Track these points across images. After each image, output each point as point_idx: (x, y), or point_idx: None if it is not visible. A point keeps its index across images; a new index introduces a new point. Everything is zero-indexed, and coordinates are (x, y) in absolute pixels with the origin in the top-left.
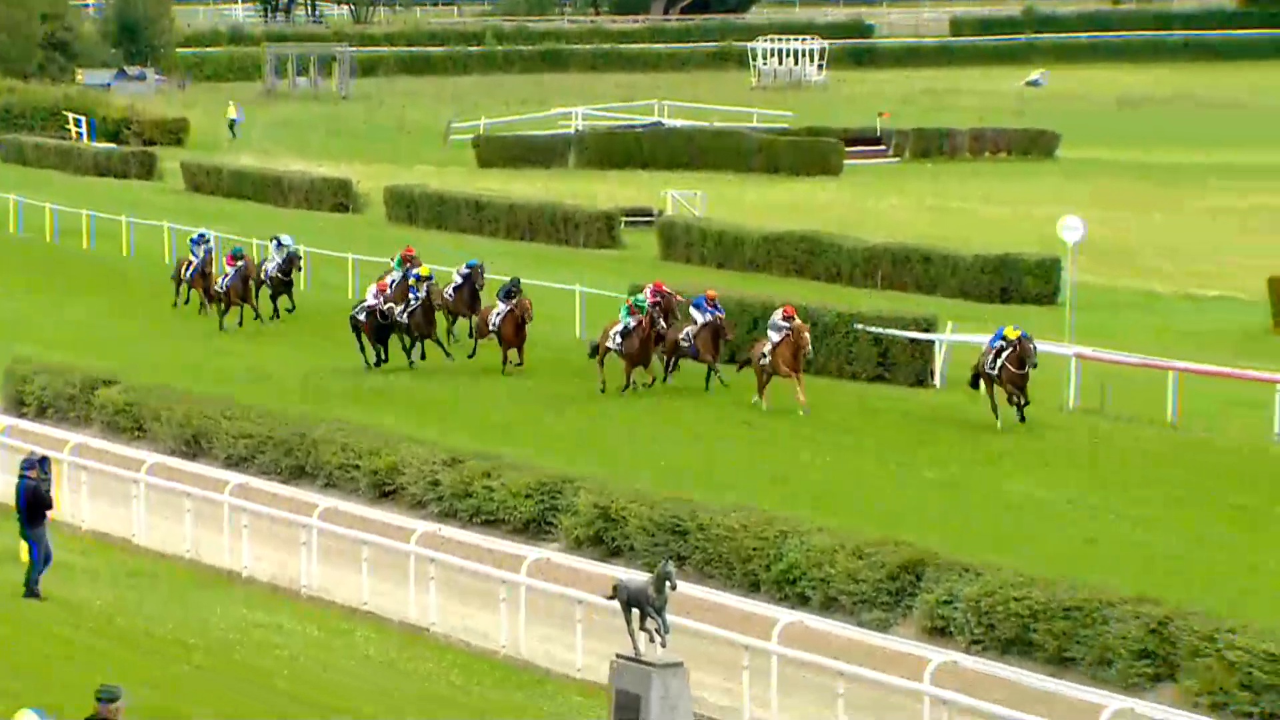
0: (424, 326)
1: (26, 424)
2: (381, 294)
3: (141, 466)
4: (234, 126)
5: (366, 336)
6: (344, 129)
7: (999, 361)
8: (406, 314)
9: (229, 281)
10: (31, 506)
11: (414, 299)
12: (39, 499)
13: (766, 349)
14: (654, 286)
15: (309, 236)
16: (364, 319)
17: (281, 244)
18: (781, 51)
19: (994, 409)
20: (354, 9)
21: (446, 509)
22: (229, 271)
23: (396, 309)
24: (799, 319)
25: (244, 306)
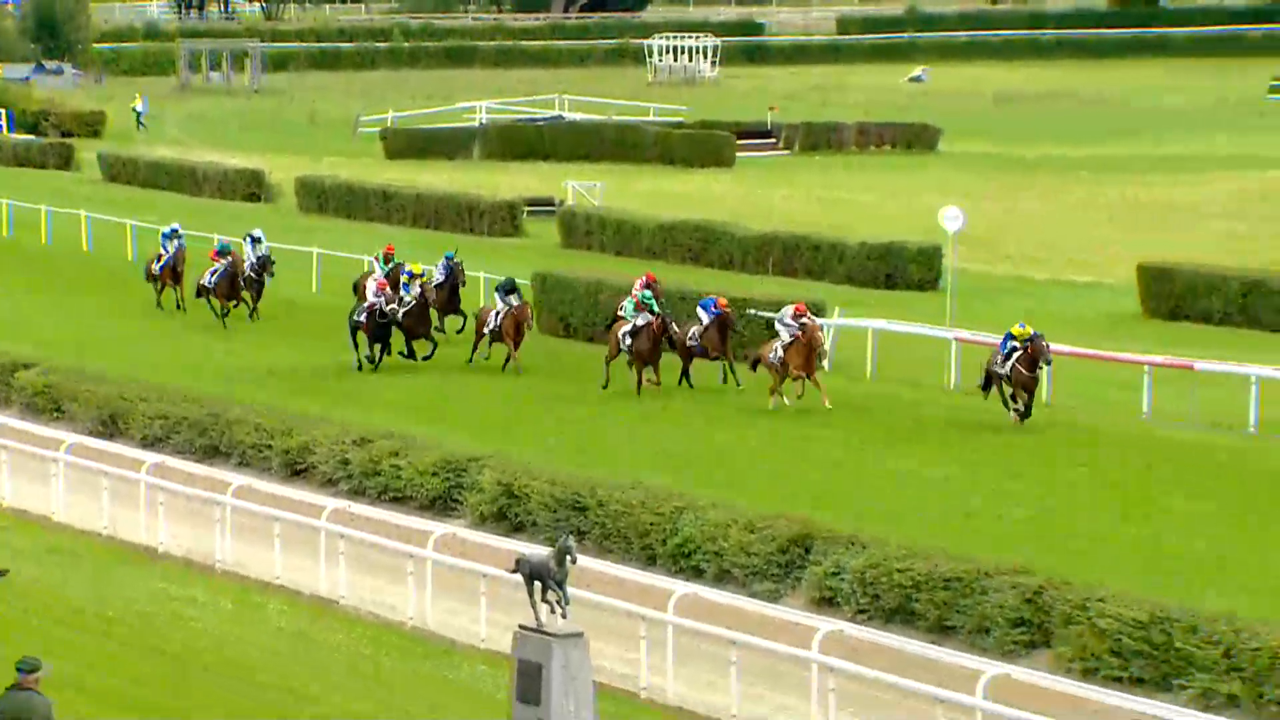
0: (419, 325)
1: None
2: (382, 292)
3: (60, 446)
4: (140, 118)
5: (365, 335)
6: (256, 122)
7: (1010, 363)
8: (403, 313)
9: (217, 278)
10: None
11: (408, 297)
12: None
13: (778, 347)
14: (646, 278)
15: (223, 226)
16: (364, 319)
17: (256, 240)
18: (676, 49)
19: (1007, 406)
20: (266, 6)
21: (356, 487)
22: (217, 267)
23: (398, 308)
24: (811, 317)
25: (229, 303)
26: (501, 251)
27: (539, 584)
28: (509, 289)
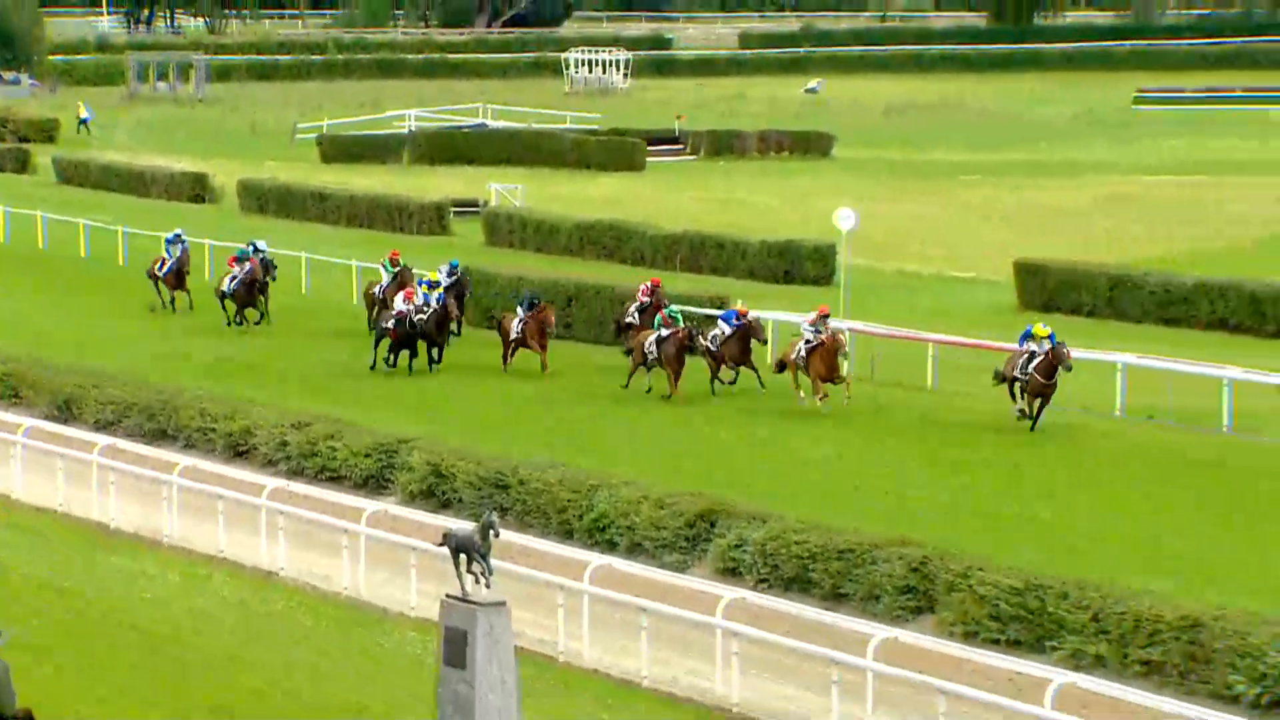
0: (436, 334)
1: None
2: (409, 301)
3: (18, 429)
4: (85, 124)
5: (391, 341)
6: (201, 129)
7: (1029, 369)
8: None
9: (235, 284)
10: None
11: (427, 306)
12: None
13: (800, 349)
14: (652, 283)
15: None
16: (392, 326)
17: (258, 248)
18: (591, 61)
19: (1021, 412)
20: (209, 20)
21: (294, 467)
22: (235, 273)
23: (424, 317)
24: (832, 322)
25: (244, 309)
26: (430, 249)
27: (464, 556)
28: (532, 302)
